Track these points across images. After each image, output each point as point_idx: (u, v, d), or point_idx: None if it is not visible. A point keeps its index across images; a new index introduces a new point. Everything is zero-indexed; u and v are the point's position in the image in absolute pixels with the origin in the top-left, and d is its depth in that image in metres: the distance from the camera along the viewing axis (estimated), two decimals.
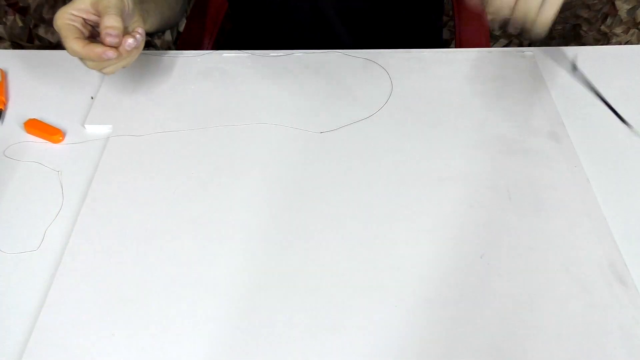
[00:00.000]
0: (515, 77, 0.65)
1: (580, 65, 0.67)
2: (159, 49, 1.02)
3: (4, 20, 1.01)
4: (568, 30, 1.30)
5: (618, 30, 1.26)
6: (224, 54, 0.69)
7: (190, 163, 0.56)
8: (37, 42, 1.08)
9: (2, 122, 0.61)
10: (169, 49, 0.95)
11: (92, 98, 0.64)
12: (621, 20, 1.24)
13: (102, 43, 0.52)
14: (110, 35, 0.51)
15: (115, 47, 0.52)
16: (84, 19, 0.54)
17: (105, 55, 0.52)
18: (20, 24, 1.03)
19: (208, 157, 0.57)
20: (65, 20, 0.52)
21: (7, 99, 0.64)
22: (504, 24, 0.48)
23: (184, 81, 0.65)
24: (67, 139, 0.60)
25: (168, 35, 1.23)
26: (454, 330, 0.44)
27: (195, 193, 0.54)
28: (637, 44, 1.28)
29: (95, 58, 0.52)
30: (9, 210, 0.53)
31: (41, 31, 1.07)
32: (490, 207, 0.52)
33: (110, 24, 0.51)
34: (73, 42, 0.52)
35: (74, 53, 0.52)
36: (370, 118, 0.61)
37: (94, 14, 0.53)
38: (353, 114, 0.61)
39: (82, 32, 0.53)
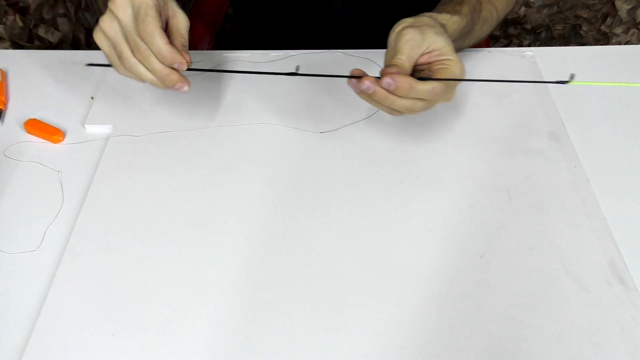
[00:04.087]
0: (515, 77, 0.65)
1: (580, 65, 0.67)
2: None
3: (4, 20, 1.00)
4: (568, 30, 1.30)
5: (618, 30, 1.26)
6: (224, 54, 0.69)
7: (190, 163, 0.56)
8: (37, 42, 1.08)
9: (2, 122, 0.61)
10: None
11: (92, 98, 0.64)
12: (621, 20, 1.24)
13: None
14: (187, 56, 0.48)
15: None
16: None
17: (179, 88, 0.49)
18: (20, 24, 1.03)
19: (208, 157, 0.57)
20: None
21: (7, 99, 0.64)
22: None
23: None
24: (67, 139, 0.60)
25: None
26: (454, 330, 0.44)
27: (195, 193, 0.54)
28: (637, 44, 1.28)
29: (167, 81, 0.48)
30: (9, 210, 0.53)
31: (41, 31, 1.07)
32: (490, 207, 0.52)
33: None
34: (161, 37, 0.46)
35: (153, 54, 0.47)
36: (370, 118, 0.61)
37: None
38: (353, 114, 0.61)
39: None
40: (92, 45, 1.20)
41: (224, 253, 0.49)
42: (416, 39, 0.48)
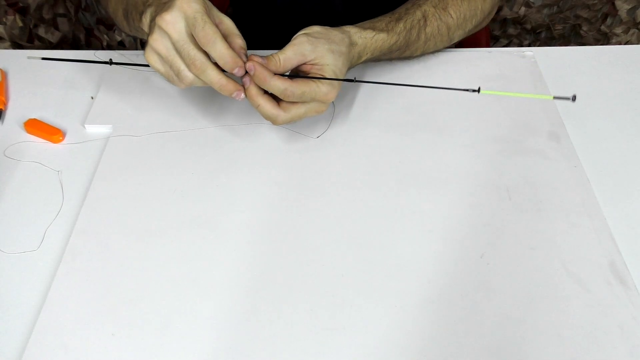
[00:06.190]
0: (515, 77, 0.65)
1: (580, 65, 0.67)
2: None
3: (4, 20, 1.01)
4: (568, 30, 1.30)
5: (618, 30, 1.26)
6: None
7: (190, 163, 0.56)
8: (37, 42, 1.08)
9: (2, 122, 0.61)
10: None
11: (92, 98, 0.64)
12: (621, 20, 1.24)
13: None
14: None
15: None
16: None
17: (236, 96, 0.50)
18: (20, 24, 1.03)
19: (208, 157, 0.57)
20: (201, 12, 0.46)
21: (7, 99, 0.64)
22: None
23: None
24: (67, 139, 0.60)
25: None
26: (453, 330, 0.44)
27: (196, 193, 0.54)
28: (637, 44, 1.28)
29: (224, 91, 0.49)
30: (9, 210, 0.53)
31: (41, 31, 1.07)
32: (490, 207, 0.52)
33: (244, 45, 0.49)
34: (222, 42, 0.46)
35: (210, 65, 0.47)
36: (370, 119, 0.61)
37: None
38: (352, 113, 0.61)
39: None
40: (92, 45, 1.20)
41: (224, 253, 0.49)
42: (304, 46, 0.51)
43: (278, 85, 0.50)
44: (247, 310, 0.45)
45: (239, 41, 0.50)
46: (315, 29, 0.54)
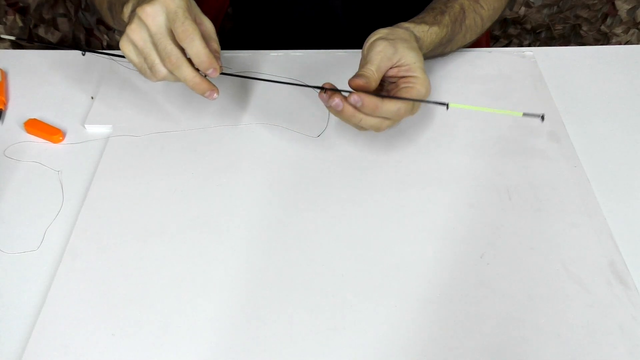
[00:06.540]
0: (516, 77, 0.65)
1: (580, 65, 0.67)
2: None
3: (4, 20, 1.01)
4: (568, 30, 1.30)
5: (618, 30, 1.26)
6: (224, 54, 0.69)
7: (190, 163, 0.56)
8: (37, 42, 1.08)
9: (2, 122, 0.61)
10: None
11: (92, 98, 0.64)
12: (621, 20, 1.24)
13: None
14: (218, 59, 0.48)
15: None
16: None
17: (208, 95, 0.49)
18: (20, 24, 1.03)
19: (208, 157, 0.57)
20: (183, 11, 0.45)
21: (7, 99, 0.64)
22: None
23: None
24: (67, 139, 0.60)
25: None
26: (453, 330, 0.44)
27: (195, 193, 0.54)
28: (637, 44, 1.28)
29: (197, 89, 0.48)
30: (9, 210, 0.53)
31: (41, 31, 1.07)
32: (490, 207, 0.52)
33: (218, 49, 0.48)
34: (201, 40, 0.46)
35: (185, 61, 0.46)
36: None
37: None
38: None
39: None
40: (92, 45, 1.20)
41: (224, 253, 0.49)
42: (387, 51, 0.50)
43: (391, 109, 0.49)
44: (247, 310, 0.45)
45: (214, 45, 0.49)
46: (384, 31, 0.52)
